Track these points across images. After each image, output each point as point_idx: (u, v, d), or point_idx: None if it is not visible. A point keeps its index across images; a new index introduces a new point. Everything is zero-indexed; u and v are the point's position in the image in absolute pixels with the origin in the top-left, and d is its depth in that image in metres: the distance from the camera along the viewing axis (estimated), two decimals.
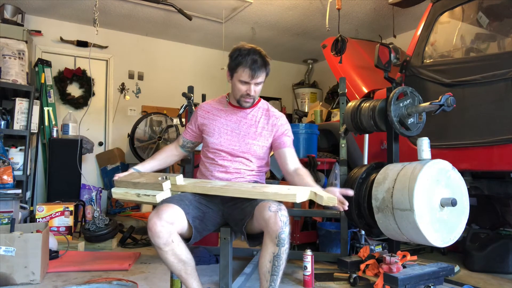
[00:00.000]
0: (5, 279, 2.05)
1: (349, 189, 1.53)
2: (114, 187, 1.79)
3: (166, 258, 1.51)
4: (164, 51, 5.43)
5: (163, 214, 1.47)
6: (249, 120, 1.84)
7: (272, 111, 1.88)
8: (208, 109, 1.90)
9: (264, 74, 1.74)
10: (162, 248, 1.47)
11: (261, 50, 1.74)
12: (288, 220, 1.44)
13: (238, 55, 1.71)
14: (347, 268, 2.19)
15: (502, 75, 2.16)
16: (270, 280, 1.47)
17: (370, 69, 3.40)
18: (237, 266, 2.51)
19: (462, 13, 2.65)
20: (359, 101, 2.42)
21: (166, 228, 1.46)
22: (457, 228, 1.82)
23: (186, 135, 1.98)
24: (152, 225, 1.45)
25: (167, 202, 1.56)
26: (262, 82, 1.76)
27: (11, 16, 3.83)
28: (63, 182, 3.77)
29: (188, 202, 1.62)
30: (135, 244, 3.22)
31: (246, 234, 1.58)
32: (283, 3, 4.17)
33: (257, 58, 1.69)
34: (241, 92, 1.75)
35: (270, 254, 1.45)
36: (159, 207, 1.52)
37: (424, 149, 1.89)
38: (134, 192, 1.69)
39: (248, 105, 1.80)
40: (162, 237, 1.45)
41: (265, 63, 1.72)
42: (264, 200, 1.51)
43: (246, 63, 1.68)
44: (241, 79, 1.72)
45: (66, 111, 4.47)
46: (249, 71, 1.68)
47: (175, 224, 1.50)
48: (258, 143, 1.82)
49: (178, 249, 1.50)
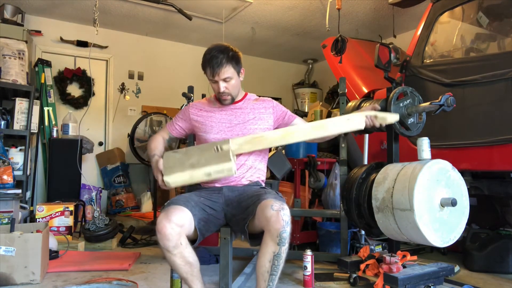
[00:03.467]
0: (5, 279, 2.05)
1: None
2: (165, 176, 1.64)
3: (174, 261, 1.49)
4: (164, 51, 5.43)
5: (173, 217, 1.45)
6: (244, 110, 1.84)
7: (261, 98, 1.92)
8: (200, 107, 1.89)
9: (229, 68, 1.71)
10: (171, 251, 1.46)
11: (224, 45, 1.73)
12: (290, 220, 1.45)
13: (203, 57, 1.73)
14: (347, 268, 2.19)
15: (502, 75, 2.16)
16: (269, 280, 1.46)
17: (370, 69, 3.39)
18: (237, 266, 2.51)
19: (462, 13, 2.65)
20: (359, 101, 2.42)
21: (176, 231, 1.44)
22: (457, 228, 1.82)
23: (173, 132, 1.94)
24: (162, 227, 1.43)
25: (175, 204, 1.54)
26: (230, 77, 1.73)
27: (11, 16, 3.83)
28: (63, 182, 3.76)
29: (194, 204, 1.61)
30: (135, 244, 3.21)
31: (247, 233, 1.58)
32: (283, 3, 4.17)
33: (217, 54, 1.68)
34: (215, 91, 1.77)
35: (270, 253, 1.45)
36: (168, 209, 1.50)
37: (424, 149, 1.89)
38: (203, 173, 1.62)
39: (227, 103, 1.80)
40: (172, 240, 1.44)
41: (226, 57, 1.69)
42: (266, 198, 1.51)
43: (207, 62, 1.70)
44: (208, 77, 1.74)
45: (66, 111, 4.46)
46: (209, 69, 1.70)
47: (184, 226, 1.48)
48: (259, 126, 1.82)
49: (186, 251, 1.49)
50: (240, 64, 1.78)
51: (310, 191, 3.35)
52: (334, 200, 3.05)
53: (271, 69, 6.23)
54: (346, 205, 2.30)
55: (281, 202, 1.50)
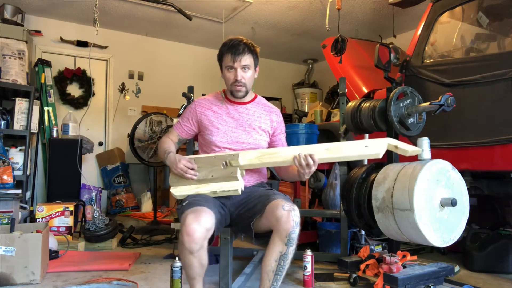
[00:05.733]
0: (5, 279, 2.05)
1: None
2: (172, 187, 1.69)
3: (192, 262, 1.46)
4: (164, 51, 5.43)
5: (203, 220, 1.42)
6: (251, 116, 1.84)
7: (271, 106, 1.94)
8: (207, 106, 1.86)
9: (249, 57, 1.75)
10: (194, 253, 1.42)
11: (244, 38, 1.78)
12: (299, 221, 1.46)
13: (222, 46, 1.78)
14: (347, 268, 2.19)
15: (502, 75, 2.16)
16: (273, 280, 1.47)
17: (370, 69, 3.39)
18: (237, 266, 2.51)
19: (462, 13, 2.65)
20: (359, 101, 2.42)
21: (204, 234, 1.42)
22: (457, 228, 1.82)
23: (182, 133, 1.91)
24: (191, 230, 1.39)
25: (199, 205, 1.51)
26: (248, 66, 1.75)
27: (11, 16, 3.83)
28: (63, 182, 3.76)
29: (212, 205, 1.59)
30: (135, 244, 3.21)
31: (253, 231, 1.58)
32: (283, 3, 4.17)
33: (238, 43, 1.74)
34: (230, 81, 1.77)
35: (277, 253, 1.45)
36: (197, 212, 1.45)
37: (424, 149, 1.89)
38: (209, 191, 1.64)
39: (241, 94, 1.79)
40: (198, 243, 1.41)
41: (248, 47, 1.74)
42: (277, 199, 1.53)
43: (228, 49, 1.74)
44: (226, 64, 1.75)
45: (66, 111, 4.46)
46: (231, 54, 1.72)
47: (211, 230, 1.46)
48: (263, 138, 1.84)
49: (204, 254, 1.47)
50: (257, 60, 1.81)
51: (310, 191, 3.36)
52: (334, 200, 3.05)
53: (271, 69, 6.23)
54: (346, 205, 2.30)
55: (292, 203, 1.51)
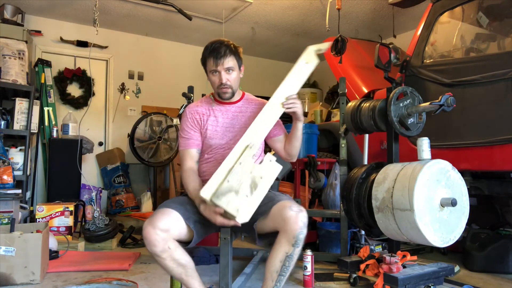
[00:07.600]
0: (5, 279, 2.05)
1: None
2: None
3: (165, 264, 1.50)
4: (164, 51, 5.43)
5: (157, 222, 1.45)
6: (245, 113, 1.83)
7: (260, 100, 1.91)
8: (200, 111, 1.83)
9: (232, 59, 1.73)
10: (160, 255, 1.46)
11: (225, 40, 1.77)
12: (307, 223, 1.46)
13: (205, 50, 1.77)
14: (347, 268, 2.19)
15: (502, 75, 2.16)
16: (276, 280, 1.47)
17: (370, 69, 3.39)
18: (237, 266, 2.51)
19: (462, 13, 2.65)
20: (359, 101, 2.42)
21: (161, 236, 1.44)
22: (457, 228, 1.82)
23: (198, 146, 1.82)
24: (146, 234, 1.44)
25: (165, 207, 1.55)
26: (232, 68, 1.74)
27: (11, 16, 3.83)
28: (63, 182, 3.76)
29: (190, 207, 1.61)
30: (135, 244, 3.21)
31: (256, 232, 1.58)
32: (283, 3, 4.17)
33: (219, 45, 1.72)
34: (216, 84, 1.76)
35: (283, 254, 1.45)
36: (153, 215, 1.50)
37: (424, 149, 1.89)
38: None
39: (227, 96, 1.78)
40: (158, 245, 1.44)
41: (229, 49, 1.73)
42: (284, 200, 1.54)
43: (210, 53, 1.73)
44: (210, 69, 1.75)
45: (66, 111, 4.46)
46: (213, 58, 1.71)
47: (171, 230, 1.48)
48: None
49: (176, 254, 1.49)
50: (241, 60, 1.80)
51: (310, 191, 3.35)
52: (334, 200, 3.05)
53: (271, 69, 6.23)
54: (346, 205, 2.30)
55: (299, 205, 1.52)
